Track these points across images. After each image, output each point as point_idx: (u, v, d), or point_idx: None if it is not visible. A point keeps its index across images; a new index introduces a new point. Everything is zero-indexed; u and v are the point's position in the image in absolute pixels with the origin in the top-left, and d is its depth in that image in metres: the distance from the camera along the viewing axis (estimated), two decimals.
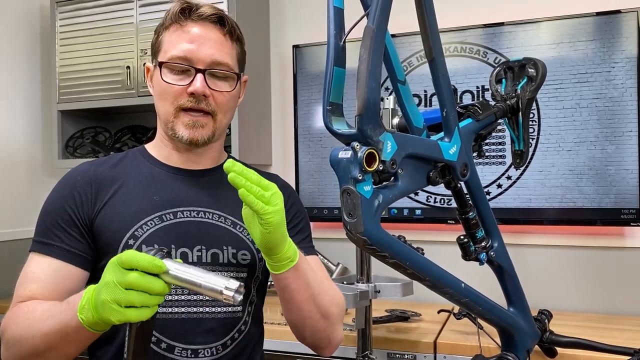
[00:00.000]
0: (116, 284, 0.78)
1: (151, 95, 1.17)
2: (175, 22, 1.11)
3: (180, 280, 0.78)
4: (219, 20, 1.12)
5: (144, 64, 1.21)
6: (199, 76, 1.08)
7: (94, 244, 1.08)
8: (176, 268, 0.79)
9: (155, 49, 1.15)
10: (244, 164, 1.28)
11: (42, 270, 1.04)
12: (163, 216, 1.09)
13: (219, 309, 1.10)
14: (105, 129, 2.63)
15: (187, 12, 1.10)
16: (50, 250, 1.05)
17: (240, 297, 0.76)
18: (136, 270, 0.78)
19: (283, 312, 1.09)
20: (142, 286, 0.78)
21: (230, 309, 1.12)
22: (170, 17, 1.11)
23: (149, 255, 0.79)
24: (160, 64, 1.10)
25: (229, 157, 1.27)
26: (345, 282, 1.63)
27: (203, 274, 0.78)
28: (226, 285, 0.76)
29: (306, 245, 1.21)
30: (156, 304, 0.80)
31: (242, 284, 0.77)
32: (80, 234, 1.07)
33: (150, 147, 1.21)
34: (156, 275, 0.79)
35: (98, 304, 0.80)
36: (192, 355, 1.06)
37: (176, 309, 1.07)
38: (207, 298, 1.07)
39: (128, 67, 2.30)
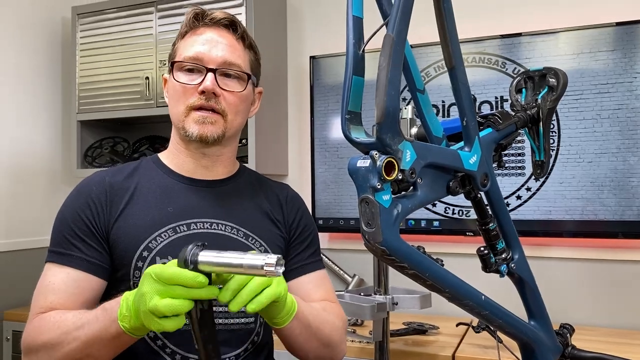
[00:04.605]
0: (155, 294, 0.79)
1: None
2: (190, 29, 1.15)
3: (220, 266, 0.80)
4: (231, 24, 1.16)
5: (162, 75, 1.23)
6: (210, 75, 1.10)
7: (110, 254, 1.08)
8: (215, 257, 0.80)
9: (171, 58, 1.17)
10: (257, 173, 1.29)
11: (61, 280, 1.03)
12: (177, 228, 1.09)
13: (233, 321, 1.10)
14: (123, 139, 2.65)
15: (200, 17, 1.15)
16: (69, 261, 1.05)
17: (281, 269, 0.78)
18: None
19: (285, 347, 1.11)
20: (188, 296, 0.80)
21: (243, 320, 1.12)
22: (185, 25, 1.16)
23: (190, 272, 0.79)
24: (173, 64, 1.13)
25: (242, 166, 1.27)
26: (362, 294, 1.61)
27: (241, 255, 0.80)
28: (266, 261, 0.78)
29: (314, 260, 1.23)
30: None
31: (280, 256, 0.79)
32: (98, 243, 1.07)
33: (164, 156, 1.21)
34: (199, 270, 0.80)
35: (139, 313, 0.82)
36: None
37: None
38: (221, 310, 1.07)
39: (147, 78, 2.32)
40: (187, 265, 0.80)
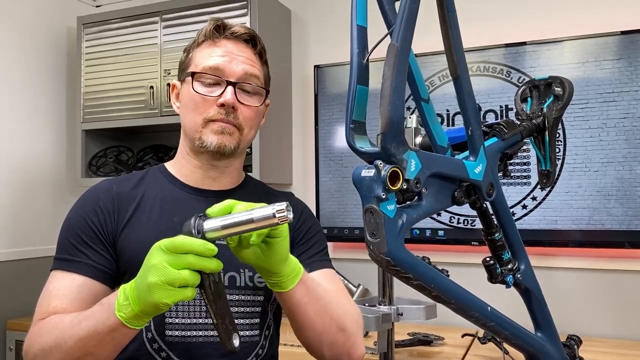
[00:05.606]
0: (167, 265, 0.78)
1: (173, 115, 1.18)
2: (209, 39, 1.14)
3: (229, 227, 0.79)
4: (251, 39, 1.16)
5: (167, 84, 1.23)
6: (230, 88, 1.09)
7: (116, 262, 1.07)
8: (221, 220, 0.80)
9: (185, 65, 1.16)
10: (263, 183, 1.29)
11: (65, 287, 1.02)
12: None
13: None
14: (128, 148, 2.65)
15: (221, 30, 1.14)
16: (75, 267, 1.04)
17: (291, 215, 0.78)
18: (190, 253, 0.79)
19: (296, 334, 1.05)
20: (199, 267, 0.79)
21: (247, 332, 1.10)
22: (204, 35, 1.14)
23: (199, 240, 0.79)
24: (193, 74, 1.12)
25: (248, 176, 1.27)
26: (367, 304, 1.60)
27: (248, 211, 0.79)
28: (276, 209, 0.77)
29: (321, 259, 1.19)
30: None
31: (287, 202, 0.78)
32: (105, 250, 1.07)
33: (170, 166, 1.21)
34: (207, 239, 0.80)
35: (144, 292, 0.79)
36: None
37: (194, 333, 1.06)
38: None
39: (151, 87, 2.33)
40: (194, 235, 0.79)
